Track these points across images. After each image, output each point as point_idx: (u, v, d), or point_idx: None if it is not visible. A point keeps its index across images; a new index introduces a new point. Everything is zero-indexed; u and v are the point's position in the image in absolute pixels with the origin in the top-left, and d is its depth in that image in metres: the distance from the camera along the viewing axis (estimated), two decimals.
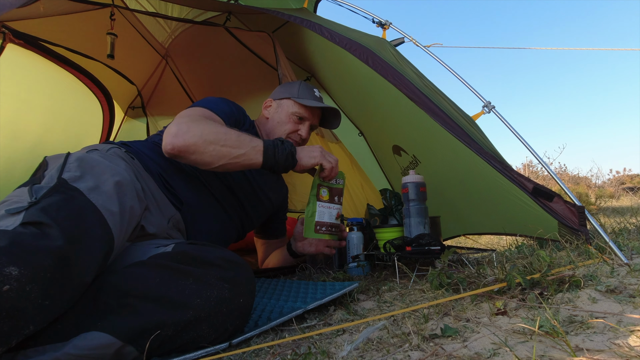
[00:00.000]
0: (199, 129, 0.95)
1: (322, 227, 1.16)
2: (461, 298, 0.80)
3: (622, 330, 0.55)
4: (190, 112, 1.07)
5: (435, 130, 1.43)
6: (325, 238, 1.17)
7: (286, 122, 1.33)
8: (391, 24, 1.65)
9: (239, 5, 1.88)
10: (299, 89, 1.37)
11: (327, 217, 1.17)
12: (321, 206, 1.15)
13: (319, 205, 1.15)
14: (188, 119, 1.00)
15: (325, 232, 1.16)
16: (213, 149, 0.95)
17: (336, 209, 1.20)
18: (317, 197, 1.15)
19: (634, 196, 5.01)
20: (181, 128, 0.95)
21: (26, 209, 0.62)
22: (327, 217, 1.17)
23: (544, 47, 1.84)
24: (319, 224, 1.15)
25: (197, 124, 0.97)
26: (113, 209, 0.72)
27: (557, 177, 1.21)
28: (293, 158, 1.04)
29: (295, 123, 1.33)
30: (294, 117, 1.33)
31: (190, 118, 1.00)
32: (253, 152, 0.99)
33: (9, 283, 0.50)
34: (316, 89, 1.42)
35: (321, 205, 1.15)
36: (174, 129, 0.95)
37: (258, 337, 0.75)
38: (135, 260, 0.76)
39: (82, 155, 0.80)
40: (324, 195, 1.16)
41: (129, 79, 2.58)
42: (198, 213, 1.09)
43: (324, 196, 1.16)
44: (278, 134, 1.33)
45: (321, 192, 1.15)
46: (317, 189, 1.15)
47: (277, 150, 1.01)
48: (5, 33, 1.72)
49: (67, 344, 0.58)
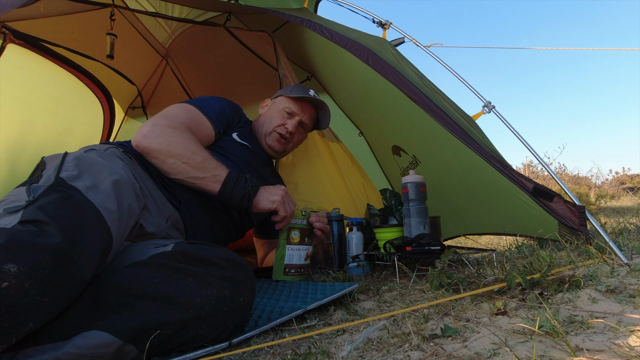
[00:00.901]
0: (169, 139, 0.98)
1: (290, 269, 1.18)
2: (461, 298, 0.80)
3: (622, 330, 0.55)
4: (176, 110, 1.09)
5: (436, 130, 1.43)
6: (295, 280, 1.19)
7: (276, 117, 1.36)
8: (391, 24, 1.65)
9: (239, 5, 1.88)
10: (293, 88, 1.41)
11: (296, 260, 1.20)
12: (291, 249, 1.18)
13: (288, 249, 1.18)
14: (167, 122, 1.02)
15: (295, 273, 1.19)
16: (173, 162, 0.98)
17: (305, 249, 1.22)
18: (287, 241, 1.18)
19: (634, 196, 5.01)
20: (154, 131, 0.98)
21: (24, 208, 0.62)
22: (296, 260, 1.20)
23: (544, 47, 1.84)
24: (288, 266, 1.18)
25: (171, 132, 0.99)
26: (111, 207, 0.72)
27: (557, 177, 1.21)
28: (249, 200, 1.04)
29: (284, 118, 1.36)
30: (284, 112, 1.36)
31: (168, 122, 1.02)
32: (212, 180, 1.00)
33: (8, 280, 0.50)
34: (312, 90, 1.43)
35: (291, 248, 1.18)
36: (146, 128, 0.98)
37: (258, 337, 0.75)
38: (135, 260, 0.76)
39: (80, 155, 0.80)
40: (294, 238, 1.19)
41: (129, 79, 2.58)
42: (197, 212, 1.09)
43: (294, 239, 1.19)
44: (267, 128, 1.36)
45: (292, 235, 1.18)
46: (288, 232, 1.18)
47: (236, 187, 1.02)
48: (6, 33, 1.72)
49: (67, 343, 0.58)
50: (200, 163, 1.00)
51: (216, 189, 1.01)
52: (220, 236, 1.20)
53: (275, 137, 1.35)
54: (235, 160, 1.22)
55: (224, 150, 1.22)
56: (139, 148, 0.98)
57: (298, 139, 1.42)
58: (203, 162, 1.00)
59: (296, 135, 1.39)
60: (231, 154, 1.22)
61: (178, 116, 1.07)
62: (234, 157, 1.22)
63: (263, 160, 1.37)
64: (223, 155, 1.21)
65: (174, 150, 0.98)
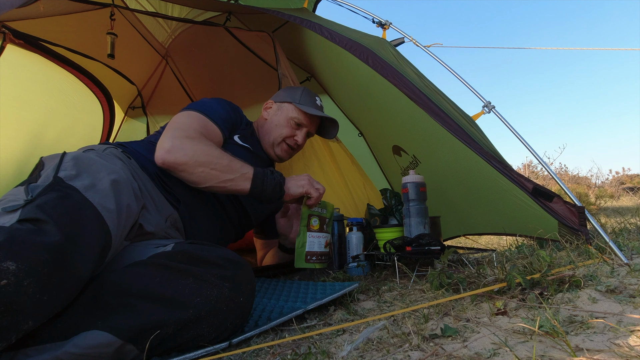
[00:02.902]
0: (192, 149, 0.98)
1: (312, 256, 1.18)
2: (461, 298, 0.80)
3: (622, 330, 0.55)
4: (186, 120, 1.07)
5: (436, 130, 1.43)
6: (316, 267, 1.20)
7: (284, 125, 1.34)
8: (391, 24, 1.65)
9: (239, 5, 1.88)
10: (302, 95, 1.38)
11: (316, 247, 1.20)
12: (311, 236, 1.18)
13: (309, 236, 1.17)
14: (183, 133, 1.01)
15: (316, 261, 1.19)
16: (202, 171, 0.97)
17: (325, 237, 1.23)
18: (307, 228, 1.18)
19: (634, 196, 5.02)
20: (175, 144, 0.97)
21: (22, 207, 0.62)
22: (316, 247, 1.20)
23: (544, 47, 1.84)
24: (310, 253, 1.17)
25: (192, 142, 0.99)
26: (109, 206, 0.72)
27: (557, 177, 1.21)
28: (281, 189, 1.06)
29: (293, 128, 1.35)
30: (292, 122, 1.34)
31: (185, 133, 1.01)
32: (242, 179, 1.01)
33: (7, 278, 0.50)
34: (318, 97, 1.42)
35: (311, 235, 1.18)
36: (168, 143, 0.97)
37: (258, 337, 0.75)
38: (135, 259, 0.76)
39: (78, 155, 0.80)
40: (314, 225, 1.19)
41: (129, 79, 2.58)
42: (196, 212, 1.09)
43: (314, 226, 1.19)
44: (274, 136, 1.34)
45: (312, 222, 1.18)
46: (308, 219, 1.18)
47: (265, 180, 1.03)
48: (5, 33, 1.72)
49: (67, 343, 0.58)
50: (227, 166, 1.00)
51: (247, 187, 1.02)
52: (219, 236, 1.20)
53: (284, 148, 1.36)
54: None
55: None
56: (166, 164, 0.96)
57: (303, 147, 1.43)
58: (229, 164, 1.01)
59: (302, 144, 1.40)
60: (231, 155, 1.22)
61: (192, 126, 1.06)
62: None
63: (264, 162, 1.37)
64: None
65: (200, 158, 0.97)
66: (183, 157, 0.96)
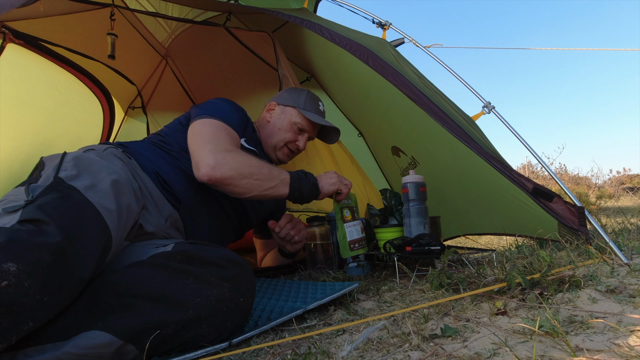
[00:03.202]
0: (235, 162, 1.00)
1: (354, 244, 1.23)
2: (461, 298, 0.80)
3: (622, 330, 0.55)
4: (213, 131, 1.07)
5: (435, 131, 1.43)
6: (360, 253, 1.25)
7: (287, 130, 1.34)
8: (391, 25, 1.65)
9: (239, 5, 1.88)
10: (305, 100, 1.37)
11: (355, 234, 1.25)
12: (348, 226, 1.24)
13: (346, 227, 1.23)
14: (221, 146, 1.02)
15: (359, 247, 1.24)
16: (247, 182, 1.00)
17: (358, 223, 1.28)
18: (342, 220, 1.23)
19: (634, 196, 5.02)
20: (218, 159, 0.98)
21: (23, 207, 0.62)
22: (355, 234, 1.25)
23: (544, 47, 1.84)
24: (352, 242, 1.23)
25: (232, 155, 1.01)
26: (110, 206, 0.72)
27: (557, 177, 1.21)
28: (317, 189, 1.11)
29: (295, 133, 1.35)
30: (295, 127, 1.35)
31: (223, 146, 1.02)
32: (281, 185, 1.06)
33: (7, 279, 0.50)
34: (321, 102, 1.43)
35: (348, 225, 1.24)
36: (211, 159, 0.97)
37: (258, 337, 0.75)
38: (135, 260, 0.76)
39: (79, 155, 0.80)
40: (347, 216, 1.24)
41: (129, 79, 2.58)
42: (196, 212, 1.09)
43: (347, 217, 1.25)
44: (277, 139, 1.34)
45: (344, 214, 1.24)
46: (341, 212, 1.23)
47: (302, 183, 1.08)
48: (5, 33, 1.72)
49: (67, 343, 0.58)
50: (268, 174, 1.04)
51: (286, 191, 1.06)
52: (219, 236, 1.20)
53: (286, 152, 1.37)
54: None
55: None
56: (212, 180, 0.97)
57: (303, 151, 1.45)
58: (270, 173, 1.05)
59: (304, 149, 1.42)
60: None
61: (222, 137, 1.07)
62: None
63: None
64: None
65: (244, 170, 1.00)
66: (229, 172, 0.98)
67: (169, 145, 1.12)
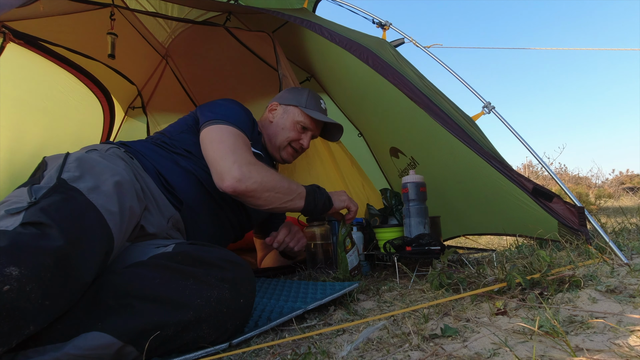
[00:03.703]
0: (260, 176, 1.03)
1: (354, 271, 1.24)
2: (461, 298, 0.80)
3: (622, 330, 0.55)
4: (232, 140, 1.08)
5: (435, 131, 1.43)
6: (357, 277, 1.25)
7: (290, 129, 1.35)
8: (391, 25, 1.65)
9: (239, 6, 1.88)
10: (307, 99, 1.38)
11: (355, 261, 1.27)
12: (349, 256, 1.25)
13: (348, 257, 1.24)
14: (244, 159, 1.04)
15: (357, 273, 1.26)
16: (269, 196, 1.04)
17: (356, 249, 1.29)
18: (345, 252, 1.24)
19: (634, 196, 5.02)
20: (244, 173, 1.01)
21: (26, 209, 0.61)
22: (355, 261, 1.27)
23: (544, 47, 1.84)
24: (352, 270, 1.23)
25: (257, 169, 1.04)
26: (112, 208, 0.72)
27: (557, 177, 1.21)
28: (330, 202, 1.17)
29: (299, 132, 1.36)
30: (298, 125, 1.35)
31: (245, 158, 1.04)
32: (298, 199, 1.11)
33: (10, 283, 0.50)
34: (322, 100, 1.43)
35: (349, 255, 1.25)
36: (237, 172, 1.00)
37: (258, 337, 0.75)
38: (136, 260, 0.76)
39: (82, 156, 0.80)
40: (348, 245, 1.26)
41: (129, 79, 2.58)
42: (197, 213, 1.09)
43: (348, 246, 1.26)
44: (280, 139, 1.35)
45: (346, 243, 1.25)
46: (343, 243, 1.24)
47: (316, 196, 1.14)
48: (5, 33, 1.72)
49: (67, 344, 0.57)
50: (287, 188, 1.09)
51: (302, 204, 1.12)
52: (220, 236, 1.20)
53: (290, 152, 1.38)
54: None
55: None
56: (237, 192, 1.00)
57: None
58: (289, 187, 1.09)
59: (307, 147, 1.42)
60: None
61: (242, 147, 1.08)
62: None
63: (269, 165, 1.37)
64: None
65: (267, 185, 1.04)
66: (253, 185, 1.01)
67: (172, 145, 1.12)
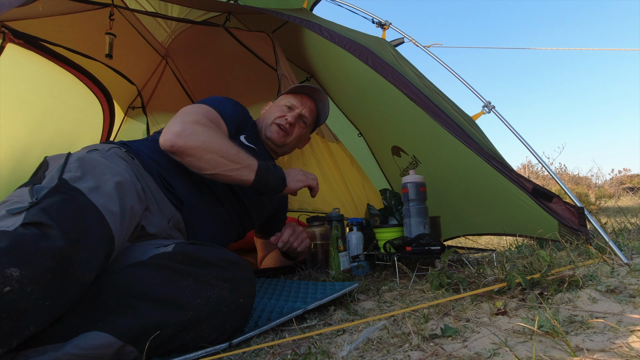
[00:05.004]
0: (203, 134, 0.97)
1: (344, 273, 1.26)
2: (461, 298, 0.80)
3: (622, 330, 0.55)
4: (196, 109, 1.07)
5: (436, 130, 1.43)
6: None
7: (275, 111, 1.38)
8: (391, 24, 1.65)
9: (239, 6, 1.88)
10: (293, 87, 1.42)
11: (347, 264, 1.29)
12: (342, 256, 1.27)
13: (341, 256, 1.26)
14: (194, 118, 1.00)
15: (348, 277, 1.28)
16: (210, 157, 0.96)
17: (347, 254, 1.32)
18: (337, 250, 1.26)
19: (634, 196, 5.02)
20: (186, 128, 0.95)
21: (27, 210, 0.61)
22: (347, 264, 1.29)
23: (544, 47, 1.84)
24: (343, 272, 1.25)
25: (202, 128, 0.98)
26: (114, 209, 0.71)
27: (557, 177, 1.21)
28: (283, 182, 1.08)
29: (284, 112, 1.37)
30: (284, 107, 1.38)
31: (196, 118, 1.01)
32: (247, 170, 1.01)
33: (10, 284, 0.50)
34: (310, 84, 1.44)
35: (342, 255, 1.27)
36: (178, 127, 0.95)
37: (258, 337, 0.75)
38: (136, 260, 0.76)
39: (83, 156, 0.80)
40: (340, 246, 1.28)
41: (129, 79, 2.58)
42: (198, 213, 1.09)
43: (340, 247, 1.28)
44: (267, 122, 1.36)
45: (339, 244, 1.27)
46: (336, 242, 1.26)
47: (269, 172, 1.04)
48: (5, 33, 1.72)
49: (67, 344, 0.57)
50: (236, 155, 1.00)
51: (251, 177, 1.01)
52: (221, 236, 1.20)
53: (275, 129, 1.34)
54: None
55: None
56: (174, 147, 0.94)
57: (299, 134, 1.39)
58: (238, 154, 1.01)
59: (296, 128, 1.37)
60: None
61: (202, 114, 1.06)
62: None
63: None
64: None
65: (210, 145, 0.96)
66: (194, 142, 0.94)
67: None
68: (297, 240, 1.30)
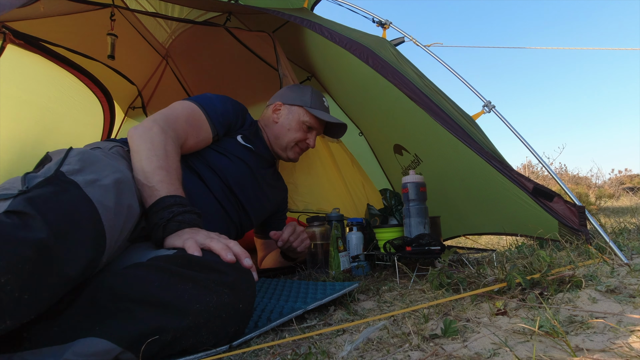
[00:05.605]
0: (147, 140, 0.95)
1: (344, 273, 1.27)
2: (461, 298, 0.80)
3: (622, 330, 0.55)
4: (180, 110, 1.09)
5: (437, 129, 1.43)
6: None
7: (296, 129, 1.37)
8: (391, 24, 1.65)
9: (239, 5, 1.88)
10: (311, 98, 1.40)
11: (347, 264, 1.31)
12: (342, 256, 1.29)
13: (341, 256, 1.28)
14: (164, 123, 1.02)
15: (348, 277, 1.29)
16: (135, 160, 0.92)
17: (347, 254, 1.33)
18: (337, 250, 1.27)
19: (634, 196, 5.01)
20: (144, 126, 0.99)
21: (14, 197, 0.60)
22: (347, 264, 1.31)
23: (544, 47, 1.84)
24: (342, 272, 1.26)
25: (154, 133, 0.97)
26: (108, 203, 0.70)
27: (558, 177, 1.21)
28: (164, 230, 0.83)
29: (305, 132, 1.38)
30: (304, 125, 1.38)
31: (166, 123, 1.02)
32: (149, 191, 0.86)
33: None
34: (325, 98, 1.45)
35: (342, 255, 1.28)
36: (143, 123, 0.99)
37: (258, 338, 0.75)
38: (135, 261, 0.75)
39: (84, 150, 0.79)
40: (340, 246, 1.29)
41: (130, 79, 2.58)
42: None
43: (340, 247, 1.29)
44: (287, 140, 1.37)
45: (339, 244, 1.28)
46: (336, 242, 1.27)
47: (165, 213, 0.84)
48: (6, 33, 1.72)
49: (65, 350, 0.56)
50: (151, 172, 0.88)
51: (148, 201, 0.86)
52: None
53: (297, 151, 1.41)
54: (235, 162, 1.22)
55: (226, 151, 1.21)
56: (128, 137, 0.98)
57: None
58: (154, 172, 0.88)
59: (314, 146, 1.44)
60: (232, 154, 1.22)
61: (178, 118, 1.07)
62: (235, 159, 1.22)
63: (266, 163, 1.36)
64: (224, 155, 1.20)
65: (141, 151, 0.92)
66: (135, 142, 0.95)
67: None
68: (298, 240, 1.30)
